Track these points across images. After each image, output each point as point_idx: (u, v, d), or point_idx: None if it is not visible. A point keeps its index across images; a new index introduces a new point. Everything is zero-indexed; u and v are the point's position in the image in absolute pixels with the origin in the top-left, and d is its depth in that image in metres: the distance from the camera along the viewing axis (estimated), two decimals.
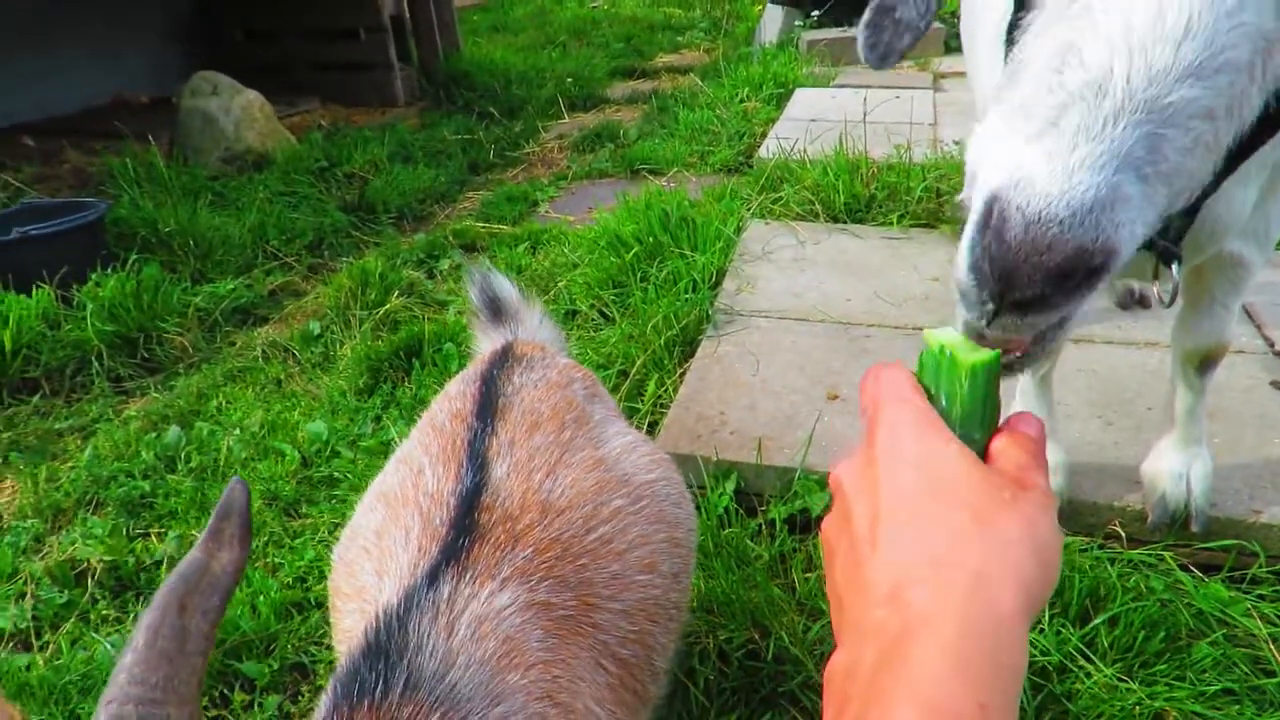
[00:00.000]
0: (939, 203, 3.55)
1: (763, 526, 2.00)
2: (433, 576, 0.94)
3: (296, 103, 6.36)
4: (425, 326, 3.06)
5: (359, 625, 0.94)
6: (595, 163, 5.20)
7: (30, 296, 3.17)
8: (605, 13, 10.64)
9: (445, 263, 3.85)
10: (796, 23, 7.70)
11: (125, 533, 2.26)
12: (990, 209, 0.66)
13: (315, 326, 3.29)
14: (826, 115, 4.89)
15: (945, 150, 4.11)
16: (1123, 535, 1.87)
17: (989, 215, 0.66)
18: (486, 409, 1.20)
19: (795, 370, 2.47)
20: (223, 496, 0.82)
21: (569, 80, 7.01)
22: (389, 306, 3.32)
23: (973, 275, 0.68)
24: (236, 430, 2.65)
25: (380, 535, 1.08)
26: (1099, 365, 2.38)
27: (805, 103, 5.44)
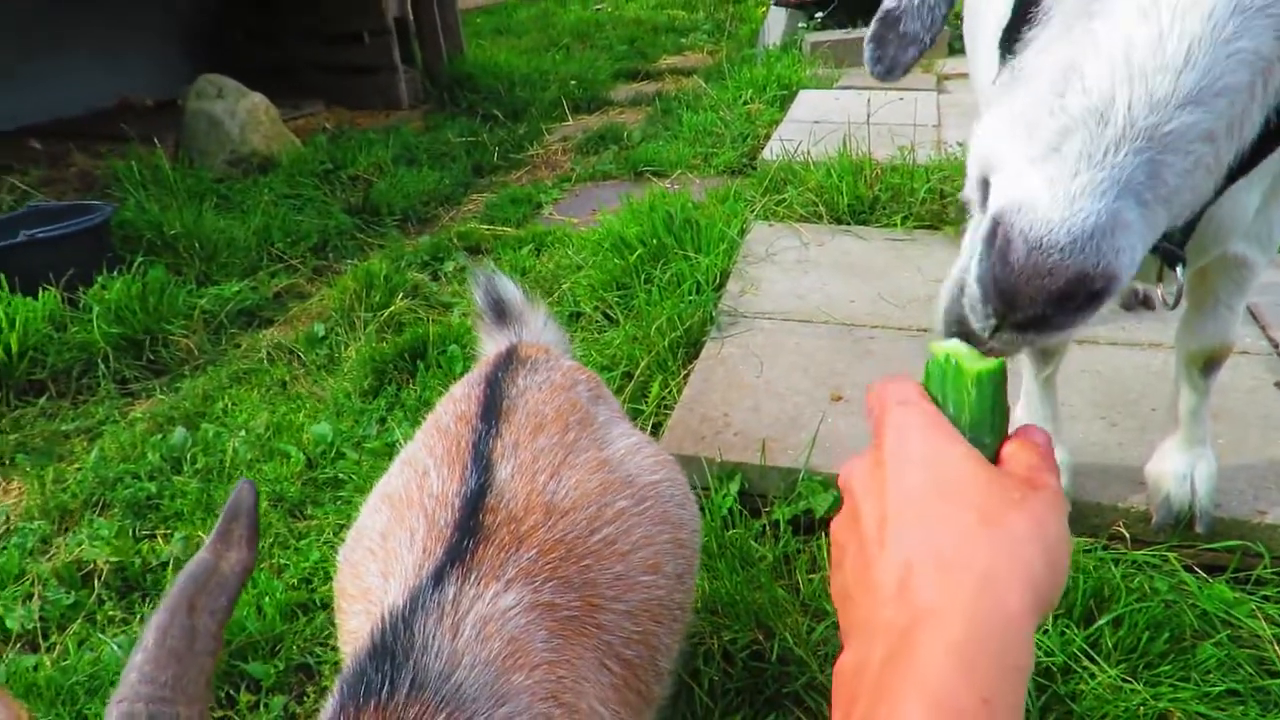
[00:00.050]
0: (943, 204, 3.54)
1: (767, 527, 2.00)
2: (438, 578, 0.95)
3: (301, 105, 6.38)
4: (430, 329, 3.07)
5: (364, 626, 0.94)
6: (599, 165, 5.20)
7: (37, 299, 3.18)
8: (609, 15, 10.65)
9: (450, 265, 3.86)
10: (800, 25, 7.71)
11: (131, 534, 2.27)
12: (995, 229, 0.66)
13: (320, 329, 3.30)
14: (830, 117, 4.89)
15: (949, 152, 4.11)
16: (1127, 536, 1.87)
17: (993, 235, 0.67)
18: (491, 411, 1.21)
19: (799, 372, 2.47)
20: (231, 497, 0.83)
21: (573, 82, 7.02)
22: (394, 309, 3.33)
23: (980, 285, 0.69)
24: (242, 432, 2.66)
25: (385, 537, 1.09)
26: (1103, 366, 2.38)
27: (809, 104, 5.44)
